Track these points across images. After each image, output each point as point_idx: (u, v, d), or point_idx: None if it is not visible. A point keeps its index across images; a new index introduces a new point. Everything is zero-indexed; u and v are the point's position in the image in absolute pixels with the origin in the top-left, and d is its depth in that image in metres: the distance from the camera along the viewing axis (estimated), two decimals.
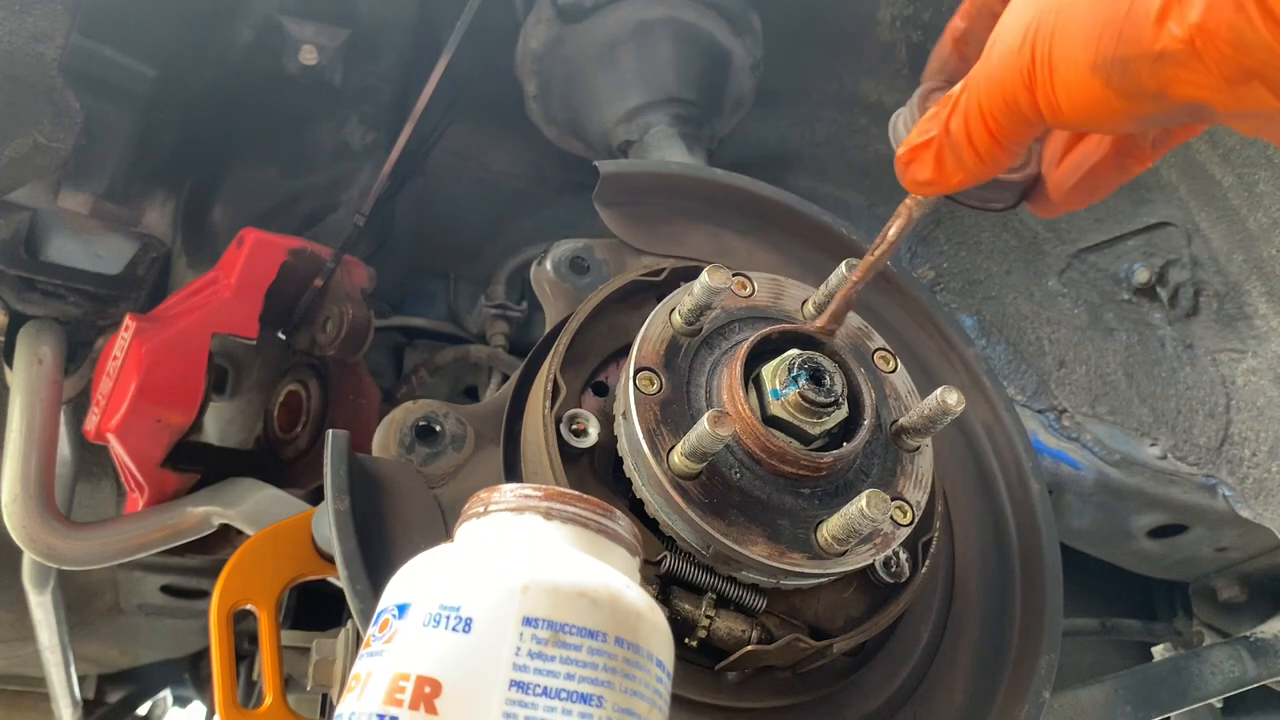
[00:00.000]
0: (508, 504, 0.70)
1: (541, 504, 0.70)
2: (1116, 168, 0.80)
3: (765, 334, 0.95)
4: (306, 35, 1.59)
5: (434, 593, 0.63)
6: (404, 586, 0.66)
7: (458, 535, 0.72)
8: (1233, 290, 1.65)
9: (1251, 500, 1.71)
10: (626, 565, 0.71)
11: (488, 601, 0.61)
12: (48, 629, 1.88)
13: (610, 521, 0.71)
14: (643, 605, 0.66)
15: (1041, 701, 1.06)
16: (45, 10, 1.30)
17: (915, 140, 0.79)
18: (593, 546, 0.69)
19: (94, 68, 1.45)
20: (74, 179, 1.51)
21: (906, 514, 0.95)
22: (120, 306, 1.59)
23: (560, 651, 0.60)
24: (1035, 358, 1.88)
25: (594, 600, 0.63)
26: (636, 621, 0.64)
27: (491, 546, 0.68)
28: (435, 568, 0.66)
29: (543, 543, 0.68)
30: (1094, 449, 1.85)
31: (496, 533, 0.70)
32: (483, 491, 0.72)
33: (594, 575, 0.65)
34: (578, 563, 0.66)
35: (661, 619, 0.68)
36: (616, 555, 0.71)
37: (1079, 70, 0.64)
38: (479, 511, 0.71)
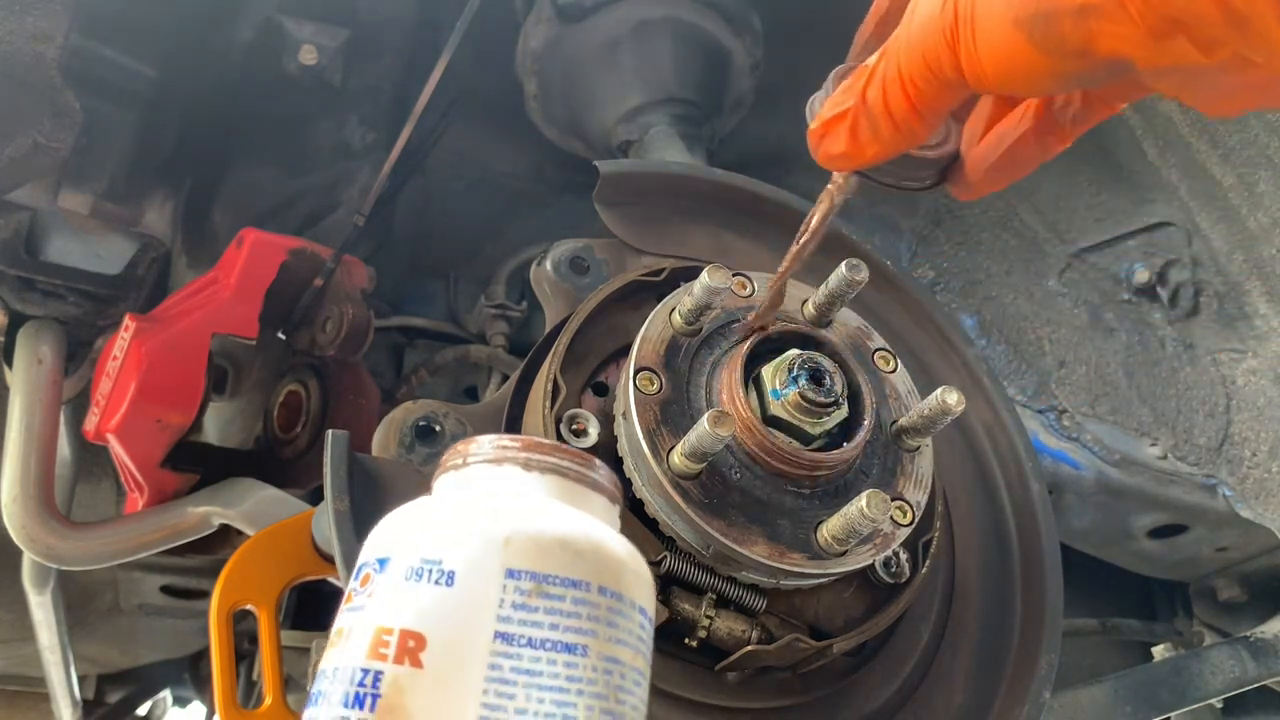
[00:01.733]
0: (486, 455, 0.69)
1: (520, 454, 0.69)
2: (1037, 145, 0.79)
3: (765, 334, 0.95)
4: (306, 35, 1.59)
5: (414, 546, 0.63)
6: (384, 540, 0.66)
7: (436, 487, 0.72)
8: (1233, 290, 1.65)
9: (1252, 500, 1.71)
10: (607, 513, 0.71)
11: (470, 554, 0.61)
12: (47, 629, 1.88)
13: (590, 470, 0.70)
14: (624, 553, 0.66)
15: (1041, 702, 1.06)
16: (45, 10, 1.30)
17: (829, 113, 0.77)
18: (573, 496, 0.69)
19: (94, 68, 1.45)
20: (74, 179, 1.51)
21: (906, 514, 0.95)
22: (120, 306, 1.59)
23: (544, 602, 0.60)
24: (1035, 358, 1.88)
25: (576, 550, 0.63)
26: (619, 569, 0.64)
27: (471, 498, 0.67)
28: (415, 520, 0.66)
29: (523, 493, 0.68)
30: (1094, 449, 1.85)
31: (476, 484, 0.69)
32: (460, 443, 0.71)
33: (576, 525, 0.65)
34: (559, 513, 0.66)
35: (643, 566, 0.68)
36: (597, 503, 0.71)
37: (1002, 25, 0.63)
38: (457, 464, 0.70)
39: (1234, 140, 1.54)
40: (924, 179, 0.85)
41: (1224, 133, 1.54)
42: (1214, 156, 1.57)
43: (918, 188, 0.85)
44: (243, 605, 1.11)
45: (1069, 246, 1.82)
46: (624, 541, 0.68)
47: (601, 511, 0.70)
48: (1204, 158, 1.58)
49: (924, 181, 0.85)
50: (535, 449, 0.69)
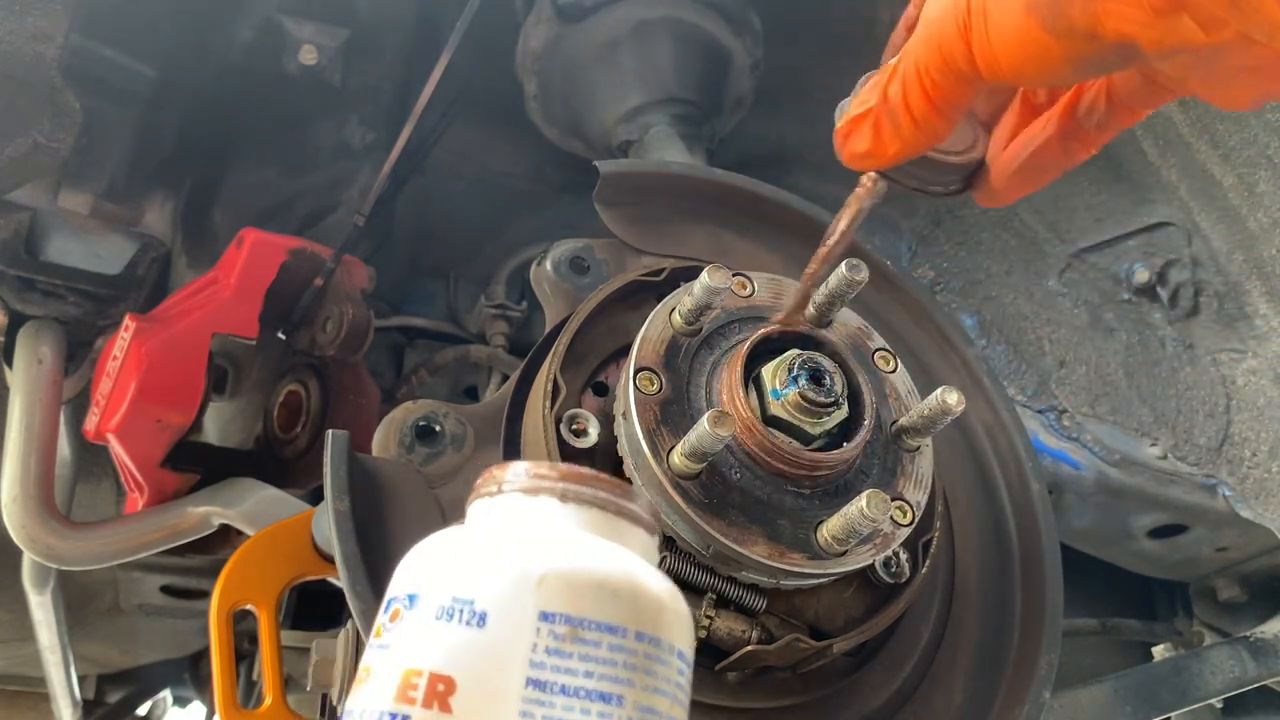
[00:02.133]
0: (521, 484, 0.67)
1: (557, 485, 0.66)
2: (1062, 150, 0.80)
3: (765, 334, 0.95)
4: (306, 35, 1.59)
5: (446, 583, 0.60)
6: (414, 574, 0.64)
7: (469, 514, 0.70)
8: (1233, 290, 1.65)
9: (1252, 500, 1.71)
10: (645, 546, 0.69)
11: (502, 594, 0.59)
12: (48, 629, 1.88)
13: (628, 501, 0.68)
14: (663, 592, 0.64)
15: (1041, 702, 1.06)
16: (45, 10, 1.30)
17: (854, 112, 0.78)
18: (610, 529, 0.66)
19: (94, 68, 1.45)
20: (74, 179, 1.51)
21: (906, 514, 0.95)
22: (120, 306, 1.59)
23: (579, 648, 0.58)
24: (1035, 358, 1.88)
25: (614, 592, 0.60)
26: (657, 613, 0.62)
27: (504, 531, 0.65)
28: (446, 554, 0.63)
29: (559, 528, 0.65)
30: (1094, 449, 1.85)
31: (509, 515, 0.67)
32: (495, 468, 0.68)
33: (613, 563, 0.63)
34: (596, 550, 0.63)
35: (683, 605, 0.66)
36: (635, 536, 0.68)
37: (1013, 12, 0.64)
38: (491, 490, 0.68)
39: (1234, 140, 1.54)
40: (949, 184, 0.85)
41: (1224, 133, 1.54)
42: (1214, 156, 1.57)
43: (943, 192, 0.85)
44: (243, 605, 1.11)
45: (1069, 246, 1.82)
46: (662, 578, 0.65)
47: (639, 545, 0.68)
48: (1204, 158, 1.58)
49: (949, 186, 0.85)
50: (573, 479, 0.67)
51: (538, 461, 0.68)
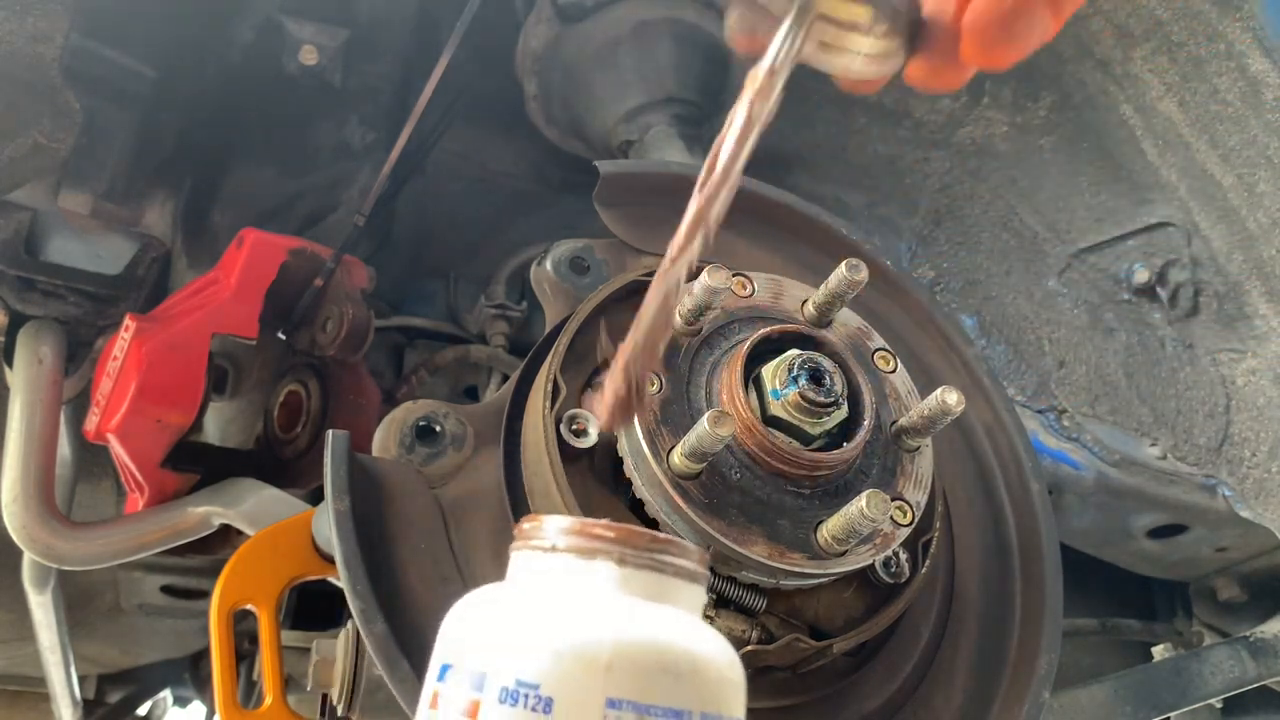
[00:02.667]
0: (577, 546, 0.66)
1: (614, 548, 0.65)
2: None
3: (765, 334, 0.95)
4: (306, 35, 1.59)
5: (510, 664, 0.60)
6: (471, 642, 0.63)
7: (516, 566, 0.68)
8: (1233, 290, 1.65)
9: (1252, 500, 1.71)
10: (696, 599, 0.68)
11: (569, 680, 0.59)
12: (48, 629, 1.88)
13: (685, 560, 0.67)
14: (723, 664, 0.64)
15: (1041, 701, 1.06)
16: (45, 10, 1.30)
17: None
18: (666, 591, 0.66)
19: (94, 68, 1.45)
20: (74, 179, 1.51)
21: (906, 514, 0.95)
22: (120, 307, 1.59)
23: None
24: (1035, 358, 1.88)
25: (678, 675, 0.60)
26: (718, 687, 0.63)
27: (563, 603, 0.64)
28: (506, 627, 0.62)
29: (618, 601, 0.64)
30: (1094, 449, 1.85)
31: (564, 580, 0.65)
32: (546, 522, 0.67)
33: (676, 640, 0.62)
34: (658, 627, 0.63)
35: (738, 669, 0.66)
36: (688, 593, 0.67)
37: None
38: (543, 546, 0.67)
39: (1234, 140, 1.54)
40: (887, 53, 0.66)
41: (1224, 133, 1.54)
42: (1214, 157, 1.57)
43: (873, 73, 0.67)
44: (243, 605, 1.11)
45: (1069, 247, 1.82)
46: (719, 644, 0.65)
47: (693, 601, 0.68)
48: (1204, 158, 1.58)
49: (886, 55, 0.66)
50: (630, 543, 0.65)
51: (592, 521, 0.67)
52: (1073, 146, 1.71)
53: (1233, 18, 1.43)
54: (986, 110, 1.75)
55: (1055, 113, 1.69)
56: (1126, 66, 1.57)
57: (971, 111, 1.76)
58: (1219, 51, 1.47)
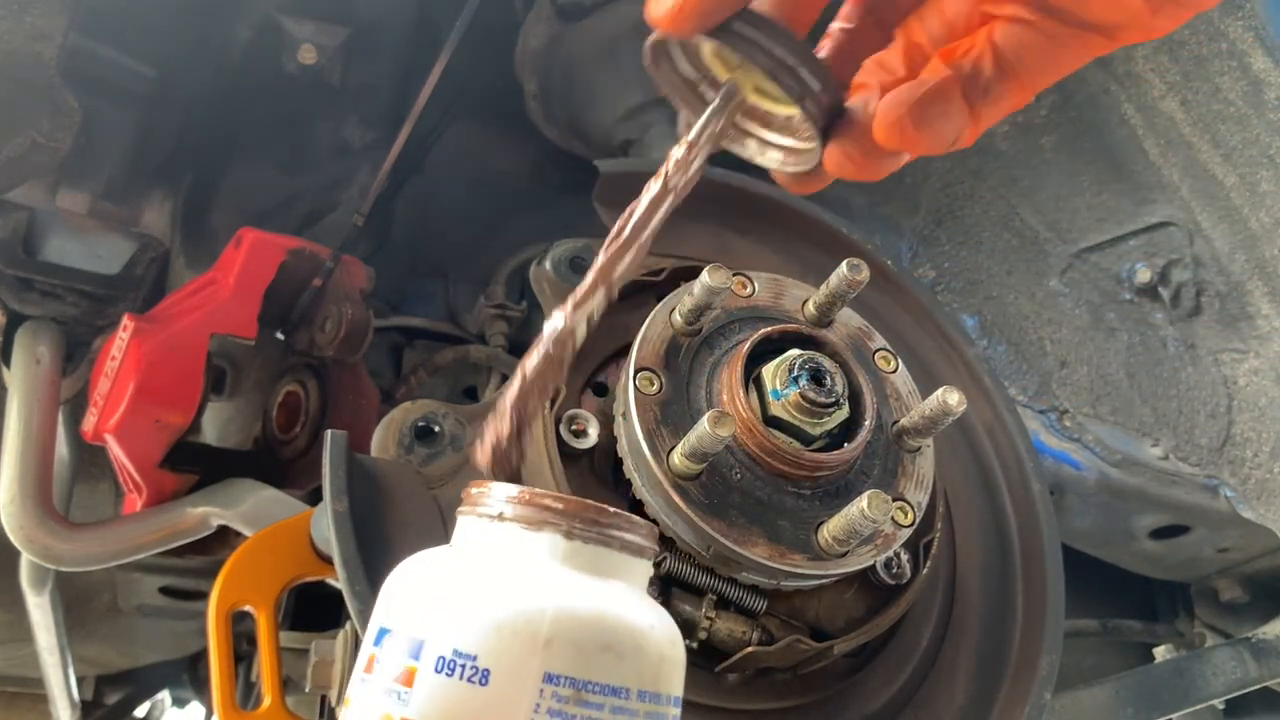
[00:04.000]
0: (524, 516, 0.64)
1: (562, 521, 0.64)
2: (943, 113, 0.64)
3: (765, 334, 0.95)
4: (306, 34, 1.58)
5: (448, 632, 0.59)
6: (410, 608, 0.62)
7: (462, 532, 0.67)
8: (1235, 290, 1.65)
9: (1253, 501, 1.70)
10: (643, 574, 0.68)
11: (507, 654, 0.58)
12: (46, 630, 1.87)
13: (633, 535, 0.66)
14: (664, 643, 0.64)
15: (1043, 703, 1.05)
16: (43, 9, 1.30)
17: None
18: (612, 566, 0.65)
19: (92, 67, 1.45)
20: (72, 178, 1.51)
21: (907, 515, 0.94)
22: (118, 306, 1.59)
23: (582, 710, 0.58)
24: (1036, 358, 1.87)
25: (619, 654, 0.60)
26: (658, 665, 0.62)
27: (506, 574, 0.63)
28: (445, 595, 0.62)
29: (562, 574, 0.63)
30: (1095, 449, 1.84)
31: (509, 551, 0.64)
32: (493, 488, 0.66)
33: (619, 619, 0.62)
34: (600, 602, 0.62)
35: (679, 647, 0.66)
36: (635, 568, 0.67)
37: None
38: (491, 514, 0.65)
39: (1236, 140, 1.53)
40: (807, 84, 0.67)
41: (1226, 133, 1.54)
42: (1215, 156, 1.57)
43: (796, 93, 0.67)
44: (241, 606, 1.11)
45: (1070, 246, 1.82)
46: (659, 619, 0.65)
47: (638, 576, 0.67)
48: (1205, 158, 1.57)
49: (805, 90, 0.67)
50: (579, 516, 0.65)
51: (539, 491, 0.65)
52: (1074, 146, 1.70)
53: (1234, 16, 1.43)
54: None
55: (1056, 112, 1.69)
56: (1128, 65, 1.56)
57: None
58: (1221, 50, 1.47)
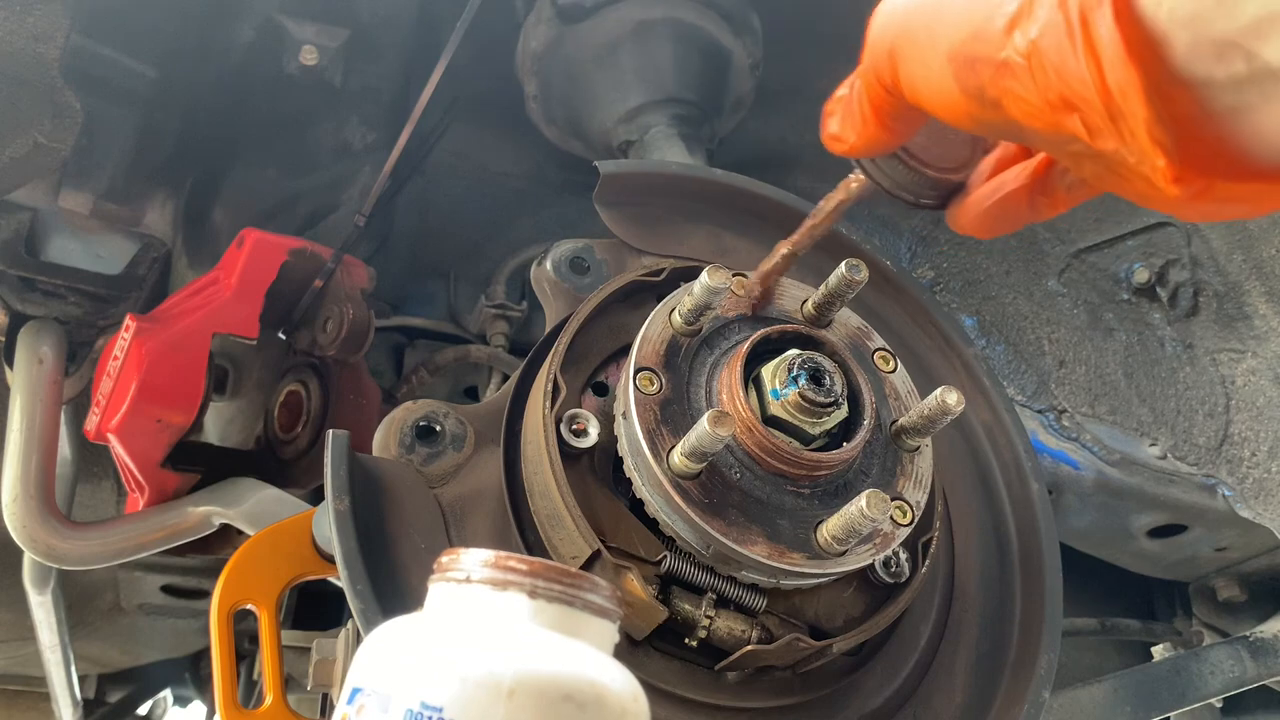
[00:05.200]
0: (489, 577, 0.68)
1: (525, 580, 0.67)
2: (1028, 203, 0.77)
3: (765, 334, 0.95)
4: (307, 35, 1.58)
5: (414, 687, 0.62)
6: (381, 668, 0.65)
7: (433, 598, 0.70)
8: (1232, 290, 1.65)
9: (1251, 500, 1.71)
10: (607, 635, 0.70)
11: (472, 705, 0.60)
12: (48, 629, 1.88)
13: (595, 596, 0.69)
14: (626, 697, 0.66)
15: (1041, 701, 1.06)
16: (45, 10, 1.30)
17: (837, 93, 0.77)
18: (575, 624, 0.68)
19: (94, 68, 1.45)
20: (74, 179, 1.51)
21: (906, 514, 0.95)
22: (121, 306, 1.60)
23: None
24: (1035, 358, 1.88)
25: (580, 705, 0.62)
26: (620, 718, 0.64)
27: (472, 631, 0.65)
28: (414, 653, 0.64)
29: (526, 630, 0.66)
30: (1094, 449, 1.85)
31: (476, 611, 0.67)
32: (463, 555, 0.69)
33: (579, 671, 0.64)
34: (563, 656, 0.65)
35: (643, 706, 0.68)
36: (598, 628, 0.70)
37: (936, 54, 0.63)
38: (458, 578, 0.69)
39: None
40: (923, 196, 0.83)
41: None
42: None
43: (914, 203, 0.83)
44: (243, 605, 1.11)
45: (1068, 246, 1.82)
46: (623, 677, 0.67)
47: (602, 635, 0.70)
48: None
49: (921, 198, 0.83)
50: (542, 576, 0.68)
51: (506, 554, 0.69)
52: None
53: None
54: None
55: None
56: None
57: None
58: None
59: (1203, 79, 0.54)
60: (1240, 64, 0.52)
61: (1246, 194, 0.57)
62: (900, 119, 0.72)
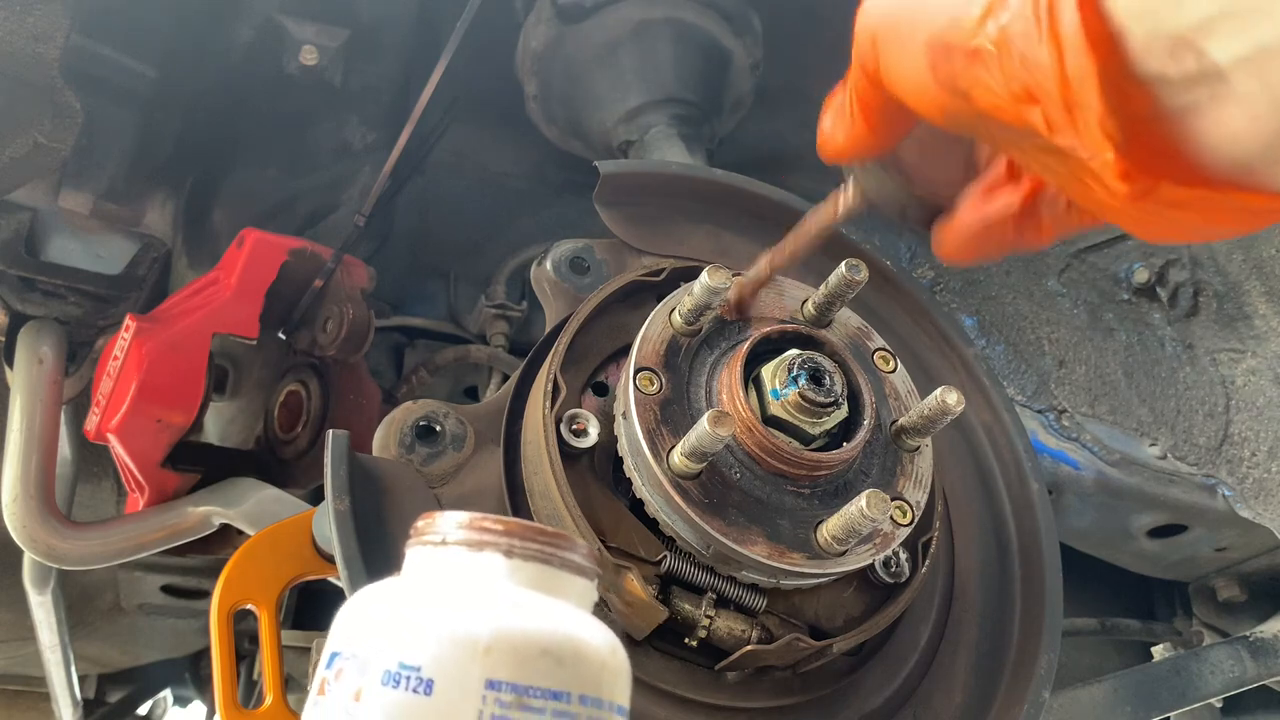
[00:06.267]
0: (465, 539, 0.67)
1: (502, 540, 0.67)
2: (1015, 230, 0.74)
3: (765, 334, 0.95)
4: (307, 35, 1.58)
5: (392, 647, 0.61)
6: (359, 631, 0.64)
7: (410, 562, 0.70)
8: (1232, 290, 1.65)
9: (1251, 500, 1.71)
10: (585, 595, 0.70)
11: (449, 662, 0.60)
12: (48, 629, 1.88)
13: (571, 554, 0.69)
14: (604, 651, 0.65)
15: (1041, 701, 1.06)
16: (45, 10, 1.30)
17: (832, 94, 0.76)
18: (553, 583, 0.68)
19: (94, 68, 1.45)
20: (74, 179, 1.51)
21: (906, 514, 0.95)
22: (121, 306, 1.59)
23: (524, 715, 0.60)
24: (1035, 358, 1.88)
25: (558, 659, 0.62)
26: (599, 673, 0.64)
27: (449, 591, 0.65)
28: (391, 614, 0.64)
29: (503, 588, 0.66)
30: (1093, 449, 1.85)
31: (452, 571, 0.67)
32: (437, 517, 0.69)
33: (557, 626, 0.64)
34: (540, 612, 0.64)
35: (622, 659, 0.67)
36: (576, 586, 0.69)
37: (916, 41, 0.62)
38: (434, 540, 0.68)
39: None
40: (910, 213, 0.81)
41: None
42: None
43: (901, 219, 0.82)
44: (243, 605, 1.11)
45: (1068, 246, 1.82)
46: (602, 632, 0.67)
47: (581, 595, 0.69)
48: None
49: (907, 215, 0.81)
50: (518, 535, 0.67)
51: (481, 515, 0.68)
52: None
53: None
54: None
55: None
56: None
57: None
58: None
59: (1157, 76, 0.53)
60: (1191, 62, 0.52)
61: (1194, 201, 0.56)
62: (885, 118, 0.71)
